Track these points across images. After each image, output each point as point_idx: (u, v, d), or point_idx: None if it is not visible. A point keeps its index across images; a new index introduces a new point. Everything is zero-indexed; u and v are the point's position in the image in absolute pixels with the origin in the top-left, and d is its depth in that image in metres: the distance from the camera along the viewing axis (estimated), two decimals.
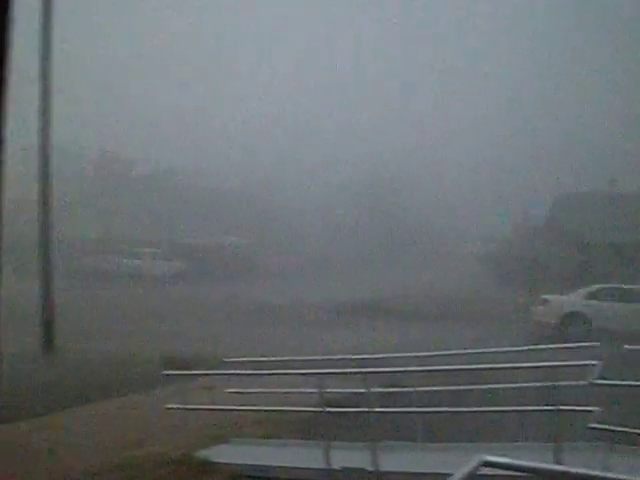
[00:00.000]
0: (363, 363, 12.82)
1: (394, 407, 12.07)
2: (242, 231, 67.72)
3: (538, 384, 10.65)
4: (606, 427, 9.70)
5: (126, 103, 72.50)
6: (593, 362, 9.91)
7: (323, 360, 14.39)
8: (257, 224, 68.61)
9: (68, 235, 54.75)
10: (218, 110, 75.87)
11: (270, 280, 54.57)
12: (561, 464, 8.33)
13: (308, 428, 12.17)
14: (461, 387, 12.81)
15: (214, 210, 68.73)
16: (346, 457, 10.57)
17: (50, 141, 24.81)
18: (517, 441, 10.68)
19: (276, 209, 72.51)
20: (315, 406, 11.57)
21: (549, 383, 10.00)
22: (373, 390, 11.25)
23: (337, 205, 71.92)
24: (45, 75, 24.58)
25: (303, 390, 12.56)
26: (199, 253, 63.16)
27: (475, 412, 11.67)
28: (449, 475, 4.03)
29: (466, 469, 4.07)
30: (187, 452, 11.75)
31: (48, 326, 24.20)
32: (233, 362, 14.37)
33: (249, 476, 10.75)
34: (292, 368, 13.61)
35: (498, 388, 12.25)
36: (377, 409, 10.93)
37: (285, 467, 10.79)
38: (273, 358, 15.46)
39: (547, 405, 10.04)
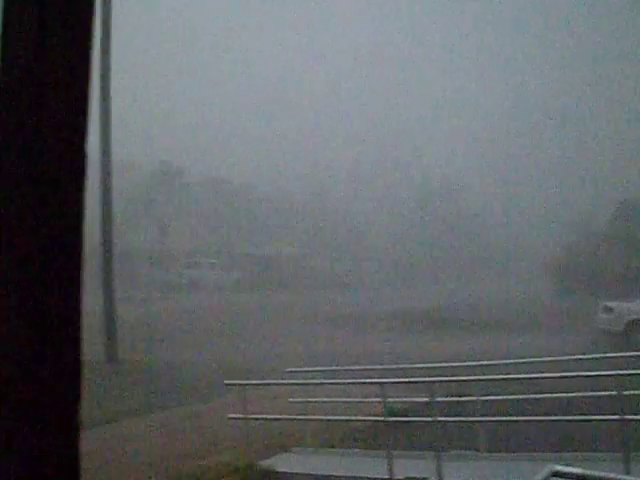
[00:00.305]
0: (427, 372, 12.69)
1: (458, 416, 11.91)
2: (301, 240, 67.93)
3: (605, 393, 10.42)
4: None
5: (179, 113, 73.23)
6: None
7: (386, 369, 14.30)
8: (316, 233, 68.73)
9: (128, 247, 55.49)
10: (273, 120, 76.27)
11: (330, 289, 54.57)
12: (630, 474, 8.15)
13: (370, 438, 12.09)
14: (526, 396, 12.60)
15: (273, 220, 69.03)
16: (409, 467, 10.46)
17: (110, 153, 25.05)
18: (585, 451, 10.45)
19: (336, 218, 72.51)
20: (378, 415, 11.50)
21: (616, 392, 9.77)
22: (437, 399, 11.12)
23: (400, 215, 71.74)
24: (104, 88, 24.72)
25: (366, 399, 12.49)
26: (257, 263, 63.52)
27: (541, 421, 11.47)
28: None
29: (536, 479, 3.99)
30: (250, 461, 11.76)
31: (110, 337, 24.46)
32: (295, 372, 14.35)
33: None
34: (354, 377, 13.55)
35: (564, 397, 12.03)
36: (441, 418, 10.80)
37: (347, 477, 10.73)
38: (335, 367, 15.41)
39: (614, 414, 9.79)
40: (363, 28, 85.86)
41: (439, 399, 11.37)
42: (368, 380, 12.61)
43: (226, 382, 14.30)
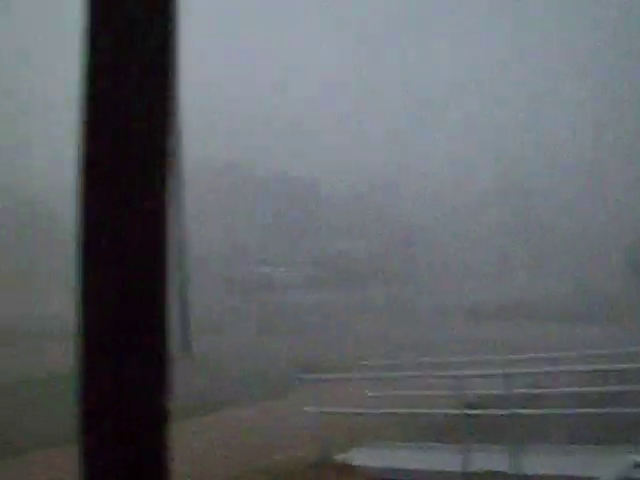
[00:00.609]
0: (504, 364, 12.54)
1: (536, 409, 11.75)
2: (372, 237, 67.88)
3: None
4: None
5: (244, 112, 73.77)
6: None
7: (462, 362, 14.18)
8: (387, 229, 68.60)
9: (200, 245, 56.10)
10: (343, 116, 76.38)
11: (401, 284, 54.39)
12: None
13: (447, 431, 12.00)
14: (606, 388, 12.36)
15: (342, 216, 69.11)
16: (485, 460, 10.37)
17: (182, 153, 25.40)
18: None
19: (409, 214, 72.28)
20: (454, 408, 11.41)
21: None
22: (515, 391, 10.99)
23: (477, 209, 71.21)
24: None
25: (442, 392, 12.40)
26: (328, 259, 63.69)
27: (621, 413, 11.24)
28: (595, 478, 3.87)
29: (616, 471, 3.90)
30: (326, 455, 11.79)
31: (185, 333, 24.83)
32: (370, 365, 14.34)
33: (387, 479, 10.68)
34: (430, 370, 13.47)
35: None
36: (518, 411, 10.66)
37: (423, 470, 10.67)
38: (411, 360, 15.36)
39: None
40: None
41: (516, 391, 11.22)
42: (444, 373, 12.53)
43: (301, 376, 14.36)
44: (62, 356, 23.46)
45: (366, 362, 14.67)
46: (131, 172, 2.97)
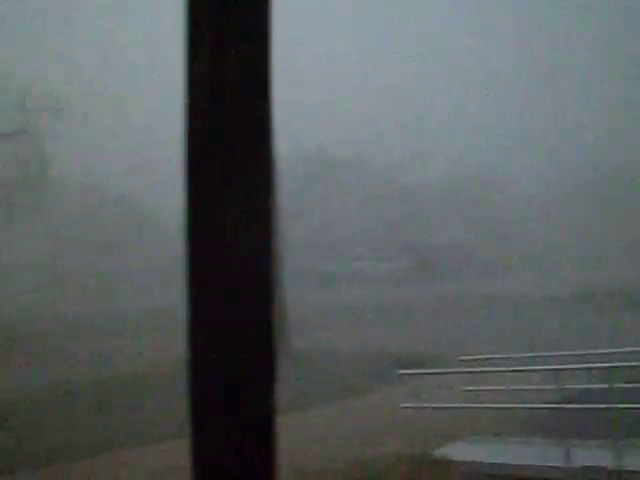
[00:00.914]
0: (605, 358, 12.31)
1: (638, 403, 11.51)
2: (465, 227, 67.28)
3: None
4: None
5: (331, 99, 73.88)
6: None
7: (561, 355, 13.98)
8: (478, 220, 67.90)
9: (293, 239, 56.59)
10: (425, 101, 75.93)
11: (497, 275, 53.78)
12: None
13: (546, 425, 11.88)
14: None
15: (435, 207, 68.67)
16: (586, 455, 10.22)
17: (276, 146, 25.66)
18: None
19: (497, 205, 71.40)
20: (553, 403, 11.29)
21: None
22: (617, 385, 10.79)
23: (570, 200, 69.88)
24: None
25: (540, 387, 12.27)
26: (422, 251, 63.37)
27: None
28: None
29: None
30: (424, 450, 11.82)
31: (280, 328, 25.12)
32: (468, 360, 14.28)
33: (485, 474, 10.64)
34: (529, 364, 13.34)
35: None
36: (620, 405, 10.47)
37: (522, 465, 10.57)
38: (508, 355, 15.22)
39: None
40: None
41: (618, 385, 11.02)
42: (543, 367, 12.40)
43: (399, 372, 14.40)
44: (165, 351, 24.13)
45: (464, 357, 14.60)
46: (236, 168, 3.06)
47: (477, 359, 14.50)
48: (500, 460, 10.90)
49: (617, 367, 11.15)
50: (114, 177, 67.68)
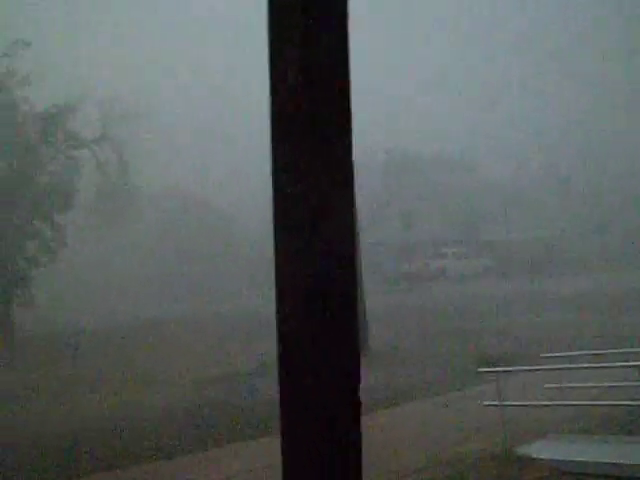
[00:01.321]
0: None
1: None
2: (547, 223, 66.38)
3: None
4: None
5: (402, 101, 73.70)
6: None
7: None
8: (559, 216, 66.90)
9: (374, 239, 56.63)
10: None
11: (582, 272, 52.92)
12: None
13: (629, 423, 11.75)
14: None
15: (514, 204, 67.90)
16: None
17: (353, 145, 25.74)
18: None
19: (577, 200, 70.22)
20: (637, 400, 11.17)
21: None
22: None
23: None
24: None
25: (623, 384, 12.14)
26: (504, 249, 62.75)
27: None
28: None
29: None
30: (507, 448, 11.81)
31: (361, 326, 25.22)
32: (550, 357, 14.19)
33: (569, 472, 10.58)
34: (611, 361, 13.19)
35: None
36: None
37: (605, 463, 10.47)
38: (591, 352, 15.06)
39: None
40: None
41: None
42: (625, 363, 12.25)
43: (480, 369, 14.39)
44: (246, 354, 24.53)
45: (546, 354, 14.51)
46: (321, 173, 3.15)
47: (559, 356, 14.39)
48: (583, 458, 10.82)
49: None
50: (194, 182, 68.77)
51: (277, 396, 3.21)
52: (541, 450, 11.55)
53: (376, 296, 34.98)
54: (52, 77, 44.07)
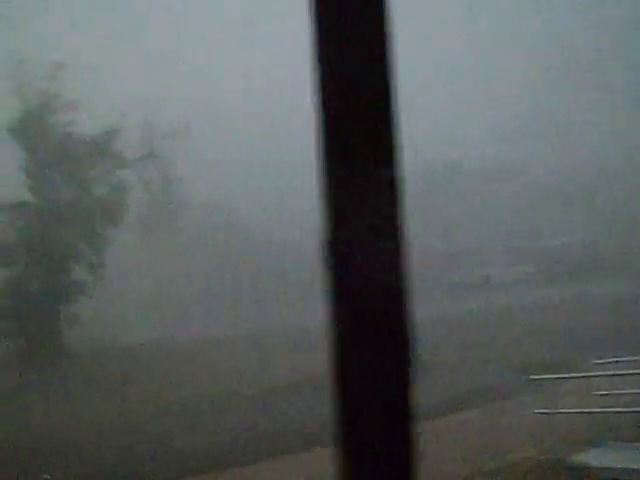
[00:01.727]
0: None
1: None
2: (588, 228, 65.69)
3: None
4: None
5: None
6: None
7: None
8: (602, 220, 66.11)
9: (418, 247, 56.40)
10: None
11: (623, 275, 52.26)
12: None
13: None
14: None
15: (558, 209, 67.22)
16: None
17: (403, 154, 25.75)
18: None
19: (621, 203, 69.29)
20: None
21: None
22: None
23: None
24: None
25: None
26: (548, 255, 62.21)
27: None
28: None
29: None
30: (559, 456, 11.77)
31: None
32: (602, 363, 14.08)
33: None
34: None
35: None
36: None
37: None
38: None
39: None
40: None
41: None
42: None
43: (531, 377, 14.36)
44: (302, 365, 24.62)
45: (596, 360, 14.41)
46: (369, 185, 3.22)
47: (609, 362, 14.28)
48: (636, 466, 10.74)
49: None
50: (237, 198, 69.02)
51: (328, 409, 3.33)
52: (593, 458, 11.48)
53: (421, 305, 34.81)
54: (95, 97, 44.57)
